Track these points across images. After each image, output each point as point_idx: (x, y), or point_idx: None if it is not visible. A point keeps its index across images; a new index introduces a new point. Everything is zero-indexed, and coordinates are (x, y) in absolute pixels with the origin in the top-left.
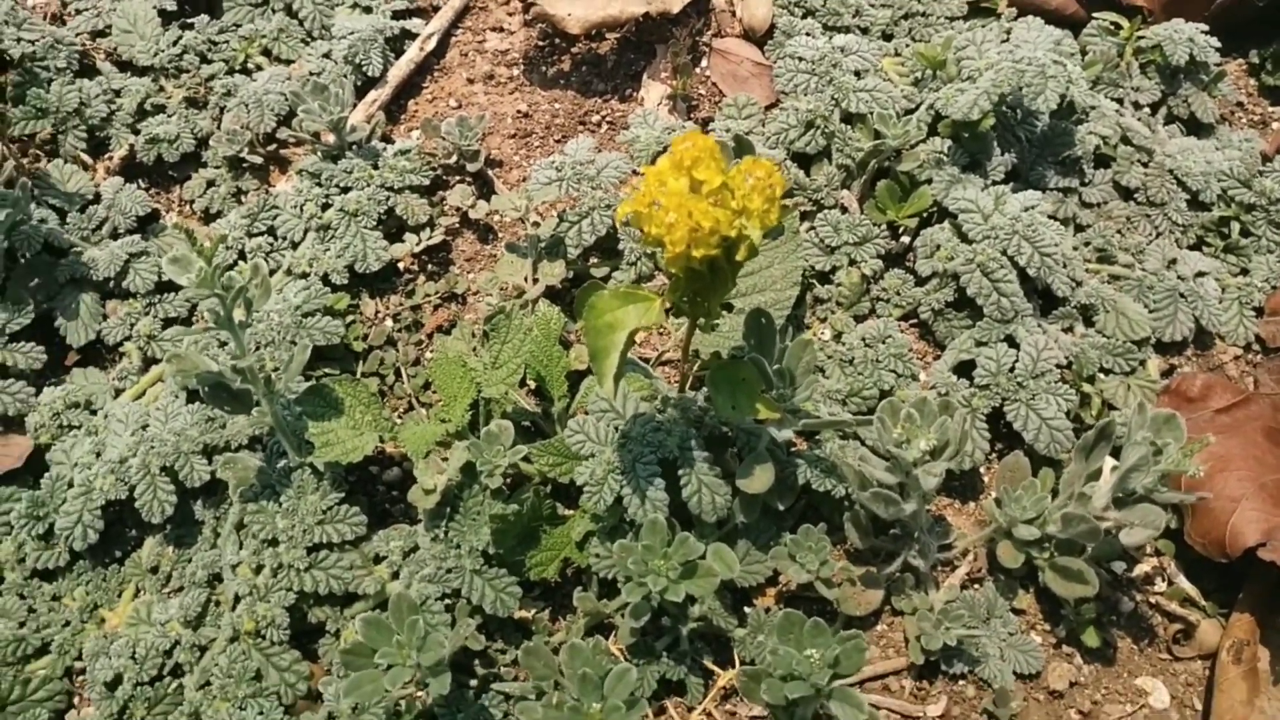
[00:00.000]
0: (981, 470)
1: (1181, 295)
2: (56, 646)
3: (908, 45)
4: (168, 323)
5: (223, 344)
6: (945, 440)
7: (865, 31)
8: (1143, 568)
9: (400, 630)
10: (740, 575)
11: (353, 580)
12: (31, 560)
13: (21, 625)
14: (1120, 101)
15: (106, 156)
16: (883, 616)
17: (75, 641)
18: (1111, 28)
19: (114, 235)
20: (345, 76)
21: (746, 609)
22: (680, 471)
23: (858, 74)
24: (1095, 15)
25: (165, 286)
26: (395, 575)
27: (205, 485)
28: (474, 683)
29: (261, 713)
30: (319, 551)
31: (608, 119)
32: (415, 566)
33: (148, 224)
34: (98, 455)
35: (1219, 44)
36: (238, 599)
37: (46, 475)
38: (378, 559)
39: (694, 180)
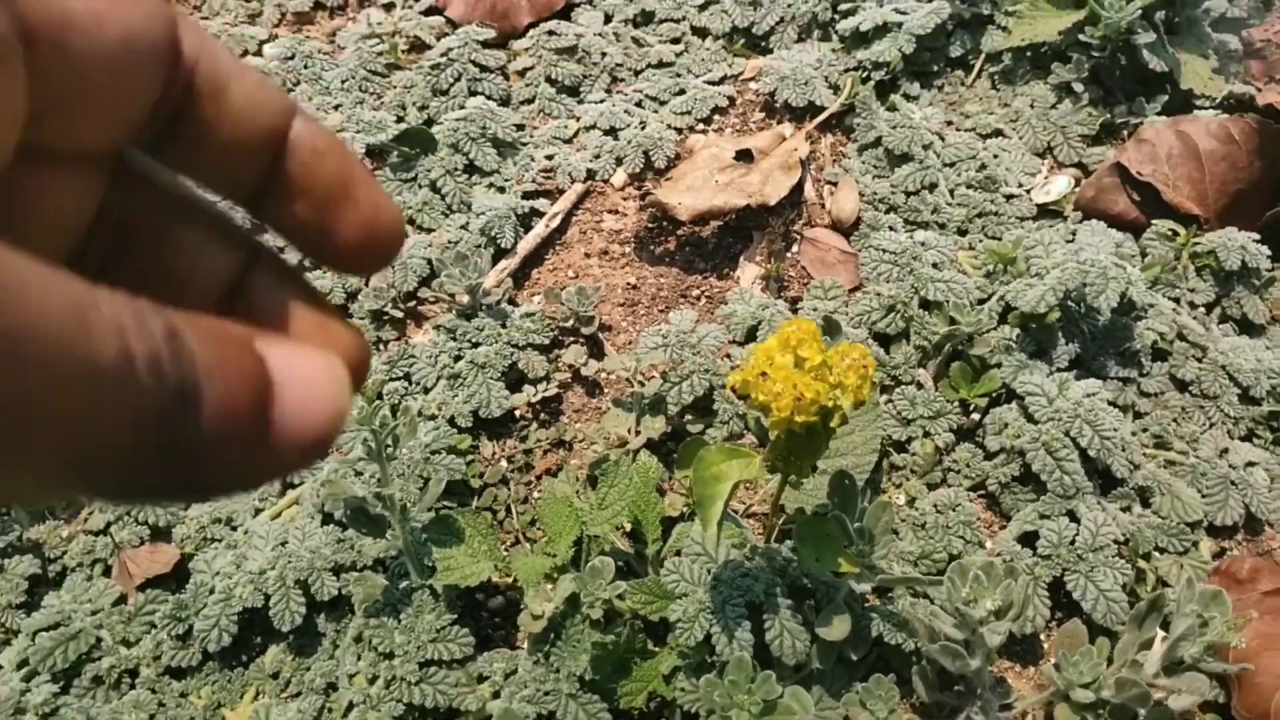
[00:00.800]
0: (1041, 637)
1: (1233, 483)
2: None
3: (981, 240)
4: None
5: (358, 473)
6: (1010, 602)
7: (942, 227)
8: None
9: None
10: (815, 717)
11: (457, 696)
12: (166, 658)
13: (151, 718)
14: (1177, 301)
15: None
16: None
17: None
18: (1169, 234)
19: None
20: (482, 247)
21: None
22: (765, 616)
23: (935, 266)
24: (1154, 221)
25: None
26: (496, 695)
27: (330, 600)
28: None
29: None
30: (430, 667)
31: (706, 294)
32: (515, 687)
33: None
34: (238, 566)
35: (1270, 252)
36: (351, 706)
37: (190, 582)
38: (481, 678)
39: (798, 357)
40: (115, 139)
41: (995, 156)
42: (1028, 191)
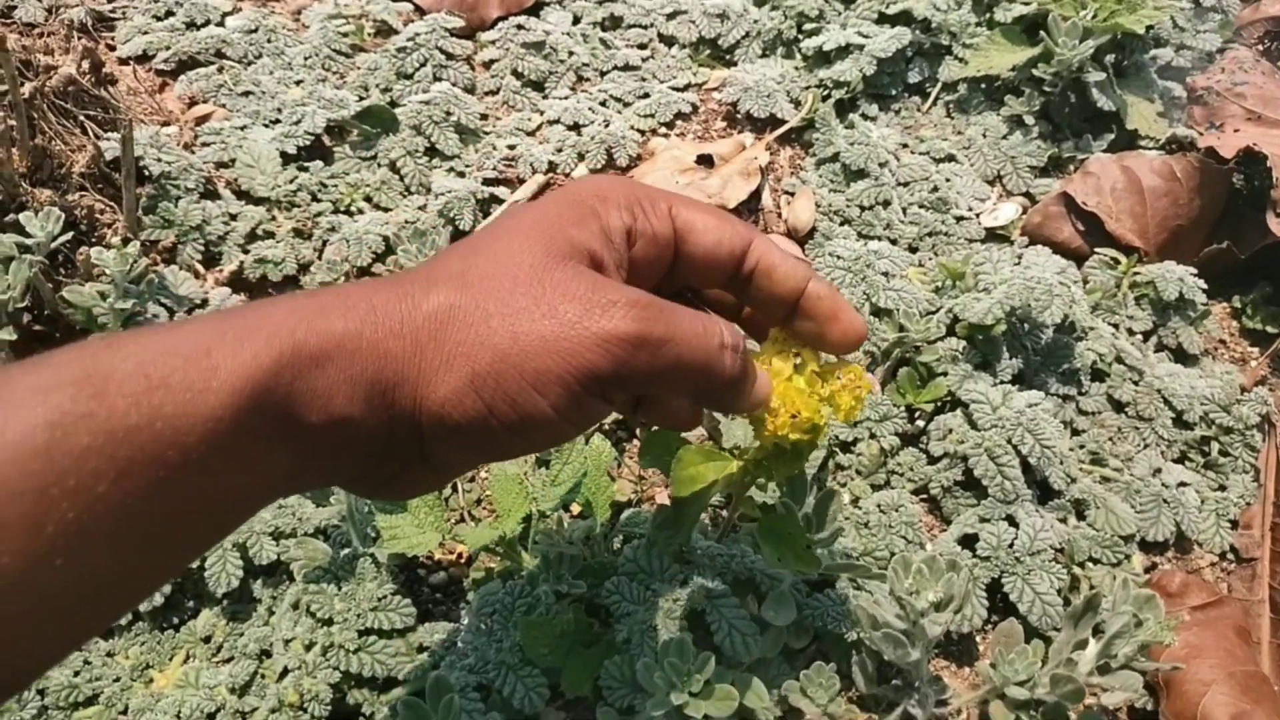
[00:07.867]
0: (977, 638)
1: (1165, 501)
2: (105, 698)
3: (930, 258)
4: None
5: None
6: (950, 595)
7: (894, 243)
8: None
9: (435, 712)
10: (761, 706)
11: (396, 666)
12: None
13: (76, 674)
14: (1116, 327)
15: (217, 269)
16: None
17: (124, 696)
18: (1111, 262)
19: None
20: (440, 227)
21: None
22: (709, 617)
23: (886, 275)
24: (1097, 250)
25: None
26: (435, 665)
27: (268, 565)
28: None
29: None
30: (369, 636)
31: None
32: (456, 657)
33: None
34: None
35: (1205, 286)
36: (285, 671)
37: None
38: (421, 649)
39: (795, 363)
40: (714, 285)
41: (947, 180)
42: (977, 215)
